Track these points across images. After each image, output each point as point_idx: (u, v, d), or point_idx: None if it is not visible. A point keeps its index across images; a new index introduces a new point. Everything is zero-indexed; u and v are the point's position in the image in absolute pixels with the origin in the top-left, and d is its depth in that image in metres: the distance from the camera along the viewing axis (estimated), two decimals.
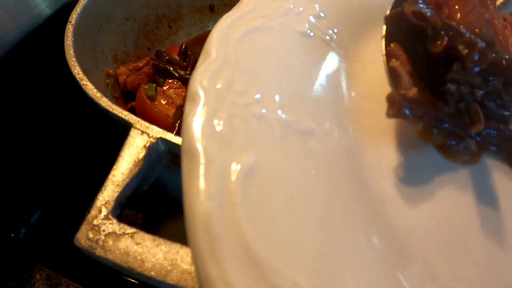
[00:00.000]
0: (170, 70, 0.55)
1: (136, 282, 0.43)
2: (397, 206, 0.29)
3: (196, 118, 0.27)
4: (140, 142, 0.35)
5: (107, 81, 0.53)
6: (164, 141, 0.36)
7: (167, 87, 0.54)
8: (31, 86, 0.52)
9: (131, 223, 0.51)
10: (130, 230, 0.31)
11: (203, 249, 0.22)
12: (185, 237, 0.24)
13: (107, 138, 0.57)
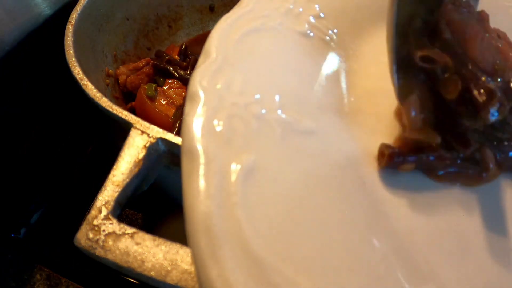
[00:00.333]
0: (170, 70, 0.56)
1: (136, 282, 0.43)
2: (398, 207, 0.29)
3: (196, 118, 0.27)
4: (140, 142, 0.35)
5: (107, 81, 0.53)
6: (164, 141, 0.36)
7: (167, 87, 0.54)
8: (31, 86, 0.52)
9: (131, 223, 0.51)
10: (130, 230, 0.31)
11: (203, 249, 0.22)
12: (185, 237, 0.24)
13: (107, 138, 0.57)
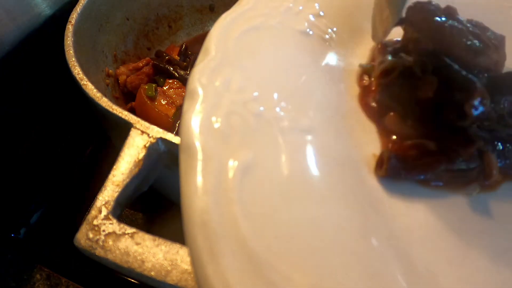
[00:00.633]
0: (170, 70, 0.56)
1: (136, 282, 0.43)
2: (395, 205, 0.29)
3: (194, 115, 0.27)
4: (140, 142, 0.35)
5: (107, 81, 0.53)
6: (164, 141, 0.36)
7: (167, 87, 0.54)
8: (31, 86, 0.52)
9: (131, 223, 0.51)
10: (130, 230, 0.30)
11: (199, 244, 0.22)
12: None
13: (107, 138, 0.57)
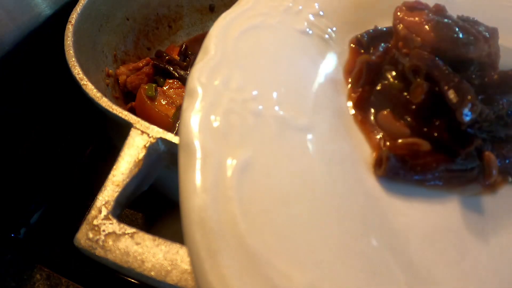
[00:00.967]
0: (170, 70, 0.56)
1: (136, 282, 0.43)
2: (394, 204, 0.29)
3: (193, 113, 0.27)
4: (140, 142, 0.35)
5: (107, 81, 0.53)
6: (164, 141, 0.36)
7: (167, 87, 0.54)
8: (31, 86, 0.52)
9: (131, 223, 0.51)
10: (130, 230, 0.30)
11: (198, 242, 0.22)
12: None
13: (107, 138, 0.57)
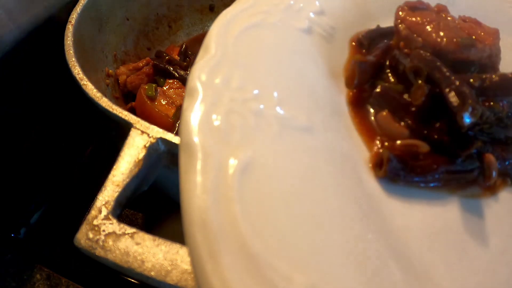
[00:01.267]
0: (170, 70, 0.55)
1: (136, 282, 0.43)
2: (394, 205, 0.29)
3: (194, 113, 0.27)
4: (140, 142, 0.35)
5: (107, 81, 0.53)
6: (164, 141, 0.36)
7: (167, 87, 0.54)
8: (31, 86, 0.52)
9: (131, 223, 0.51)
10: (130, 230, 0.30)
11: (199, 243, 0.22)
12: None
13: (107, 138, 0.57)
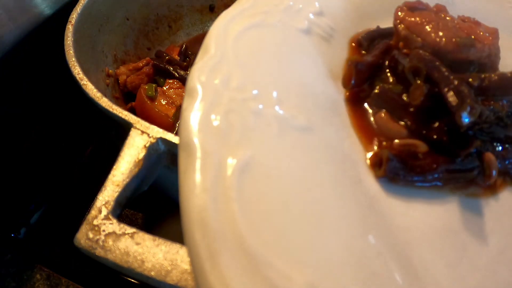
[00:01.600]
0: (170, 70, 0.55)
1: (136, 282, 0.43)
2: (393, 204, 0.29)
3: (193, 113, 0.27)
4: (140, 142, 0.35)
5: (107, 81, 0.53)
6: (164, 141, 0.36)
7: (167, 87, 0.54)
8: (31, 86, 0.52)
9: (131, 223, 0.51)
10: (130, 230, 0.30)
11: (198, 242, 0.22)
12: None
13: (107, 138, 0.57)
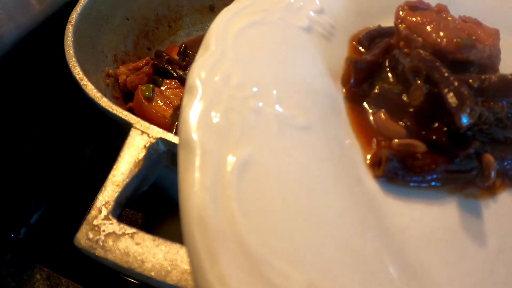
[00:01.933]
0: (169, 69, 0.55)
1: (136, 282, 0.43)
2: (392, 204, 0.29)
3: (193, 110, 0.27)
4: (140, 142, 0.35)
5: (107, 81, 0.53)
6: (164, 141, 0.36)
7: (165, 87, 0.54)
8: (31, 86, 0.52)
9: (131, 223, 0.51)
10: (130, 230, 0.30)
11: (197, 240, 0.22)
12: None
13: (107, 138, 0.57)
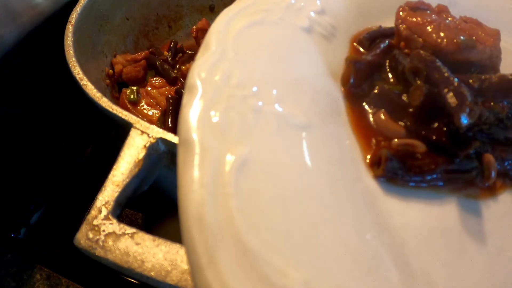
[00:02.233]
0: (157, 64, 0.55)
1: (136, 282, 0.43)
2: (391, 204, 0.29)
3: (192, 109, 0.27)
4: (140, 142, 0.35)
5: (107, 81, 0.53)
6: (164, 141, 0.36)
7: (150, 88, 0.53)
8: (31, 86, 0.52)
9: (131, 223, 0.51)
10: (130, 230, 0.30)
11: (195, 237, 0.22)
12: None
13: (107, 138, 0.57)
